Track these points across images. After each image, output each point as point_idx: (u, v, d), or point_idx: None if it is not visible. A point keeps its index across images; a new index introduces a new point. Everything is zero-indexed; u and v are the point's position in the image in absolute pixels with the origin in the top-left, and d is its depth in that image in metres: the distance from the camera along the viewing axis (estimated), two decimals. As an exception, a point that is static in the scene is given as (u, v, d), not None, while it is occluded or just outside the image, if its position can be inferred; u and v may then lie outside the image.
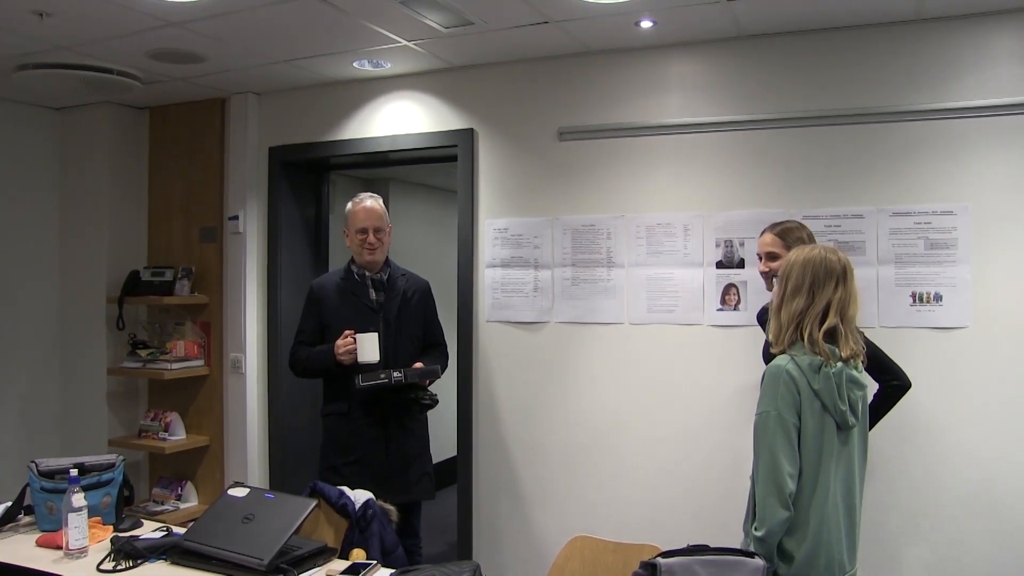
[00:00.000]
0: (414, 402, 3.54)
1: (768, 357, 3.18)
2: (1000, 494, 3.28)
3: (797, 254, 2.53)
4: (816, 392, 2.38)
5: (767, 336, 3.22)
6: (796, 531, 2.38)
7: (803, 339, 2.42)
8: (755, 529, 2.41)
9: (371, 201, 3.71)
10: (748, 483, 3.51)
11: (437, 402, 3.58)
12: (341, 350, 3.48)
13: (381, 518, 2.88)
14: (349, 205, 3.73)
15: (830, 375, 2.38)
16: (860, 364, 2.50)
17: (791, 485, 2.36)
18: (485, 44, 3.86)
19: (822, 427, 2.39)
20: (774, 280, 3.13)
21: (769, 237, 3.14)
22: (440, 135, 4.30)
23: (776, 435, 2.37)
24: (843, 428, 2.42)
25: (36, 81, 4.12)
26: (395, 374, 3.44)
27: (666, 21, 3.52)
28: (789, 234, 3.09)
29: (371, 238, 3.64)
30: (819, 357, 2.39)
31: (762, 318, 3.29)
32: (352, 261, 3.72)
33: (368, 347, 3.47)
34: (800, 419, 2.38)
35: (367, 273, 3.67)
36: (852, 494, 2.46)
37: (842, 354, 2.41)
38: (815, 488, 2.38)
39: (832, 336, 2.42)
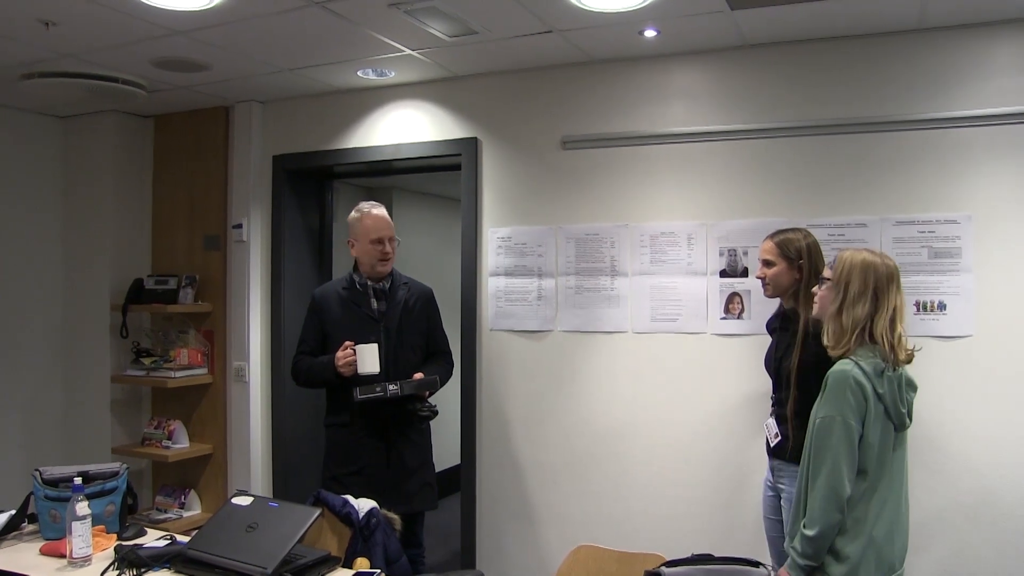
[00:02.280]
0: (413, 414, 3.53)
1: (771, 365, 3.19)
2: (1004, 503, 3.27)
3: (851, 258, 2.55)
4: (880, 396, 2.42)
5: (772, 345, 3.23)
6: (852, 531, 2.41)
7: (879, 343, 2.46)
8: (805, 527, 2.43)
9: (383, 210, 3.68)
10: (753, 491, 3.52)
11: (436, 413, 3.57)
12: (341, 362, 3.47)
13: (385, 527, 2.87)
14: (357, 215, 3.67)
15: (892, 379, 2.44)
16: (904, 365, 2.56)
17: (848, 489, 2.40)
18: (489, 53, 3.87)
19: (885, 431, 2.44)
20: (768, 287, 3.15)
21: (768, 244, 3.15)
22: (444, 144, 4.31)
23: (840, 440, 2.40)
24: (899, 429, 2.48)
25: (41, 89, 4.13)
26: (391, 387, 3.43)
27: (670, 30, 3.53)
28: (788, 244, 3.09)
29: (387, 248, 3.63)
30: (881, 361, 2.43)
31: (770, 326, 3.29)
32: (355, 270, 3.70)
33: (368, 358, 3.45)
34: (864, 424, 2.42)
35: (369, 282, 3.66)
36: (902, 497, 2.52)
37: (901, 357, 2.47)
38: (875, 490, 2.43)
39: (899, 340, 2.49)
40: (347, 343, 3.49)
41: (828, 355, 2.70)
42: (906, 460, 2.54)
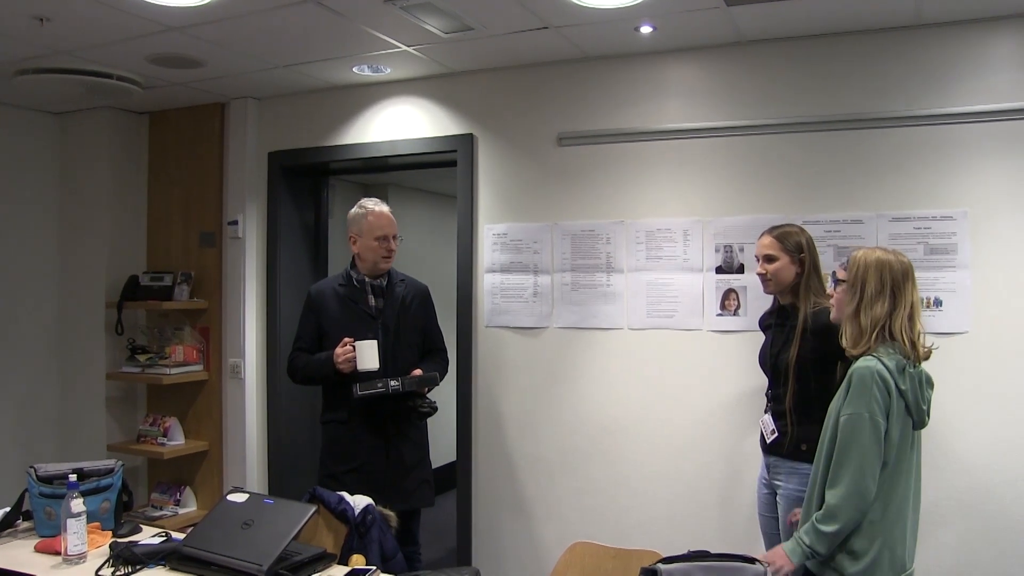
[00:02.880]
0: (413, 410, 3.53)
1: (766, 361, 3.19)
2: (1000, 500, 3.27)
3: (865, 257, 2.53)
4: (902, 393, 2.41)
5: (766, 342, 3.24)
6: (869, 530, 2.40)
7: (900, 340, 2.44)
8: (822, 522, 2.41)
9: (386, 207, 3.68)
10: (749, 488, 3.52)
11: (436, 410, 3.57)
12: (340, 358, 3.46)
13: (380, 524, 2.87)
14: (360, 211, 3.65)
15: (914, 376, 2.43)
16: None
17: (874, 487, 2.39)
18: (485, 49, 3.86)
19: (905, 428, 2.43)
20: (769, 282, 3.15)
21: (768, 239, 3.15)
22: (440, 140, 4.30)
23: (868, 438, 2.39)
24: (917, 427, 2.48)
25: (36, 86, 4.12)
26: (392, 383, 3.43)
27: (666, 27, 3.53)
28: (788, 238, 3.09)
29: (391, 245, 3.63)
30: (902, 358, 2.42)
31: (764, 323, 3.29)
32: (352, 266, 3.70)
33: (367, 355, 3.45)
34: (888, 421, 2.41)
35: (367, 279, 3.66)
36: (918, 494, 2.52)
37: (920, 354, 2.47)
38: (893, 488, 2.42)
39: (919, 336, 2.48)
40: (346, 339, 3.48)
41: (826, 350, 2.70)
42: (920, 460, 2.53)
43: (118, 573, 2.45)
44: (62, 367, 5.02)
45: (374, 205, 3.66)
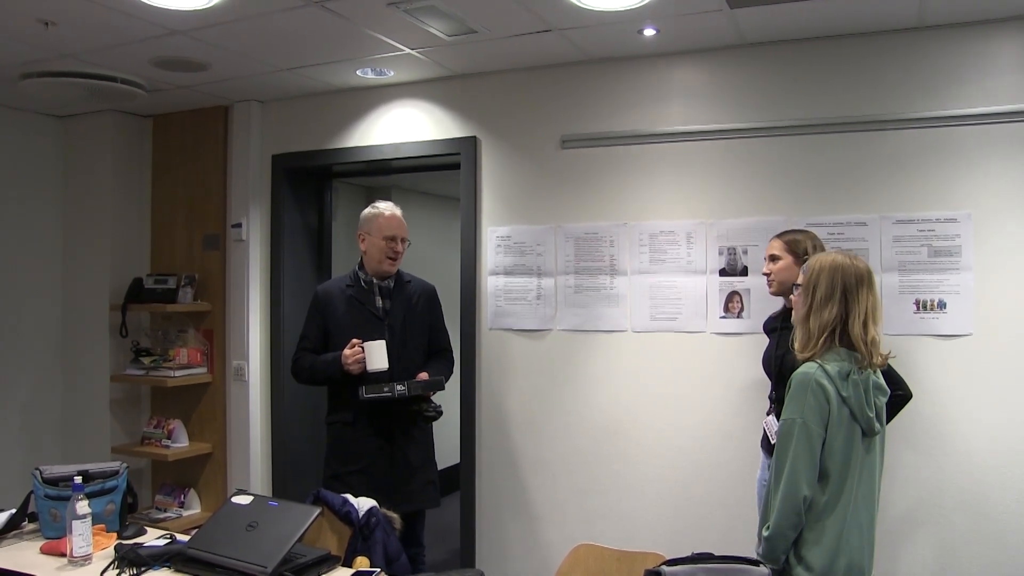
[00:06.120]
0: (418, 414, 3.53)
1: (768, 365, 3.19)
2: (1002, 501, 3.27)
3: (820, 261, 2.50)
4: (844, 399, 2.36)
5: (771, 345, 3.24)
6: (819, 538, 2.37)
7: (851, 345, 2.40)
8: (764, 528, 2.41)
9: (400, 211, 3.71)
10: (752, 489, 3.52)
11: (441, 414, 3.58)
12: (350, 360, 3.46)
13: (384, 526, 2.87)
14: (373, 211, 3.68)
15: (858, 382, 2.37)
16: (879, 369, 2.49)
17: (807, 492, 2.35)
18: (488, 52, 3.87)
19: (850, 435, 2.38)
20: (772, 283, 3.15)
21: (775, 241, 3.18)
22: (443, 143, 4.31)
23: (799, 443, 2.35)
24: (868, 435, 2.42)
25: (40, 89, 4.13)
26: (398, 387, 3.43)
27: (669, 29, 3.53)
28: (796, 244, 3.10)
29: (399, 247, 3.65)
30: (847, 364, 2.38)
31: (769, 326, 3.29)
32: (360, 267, 3.70)
33: (377, 355, 3.45)
34: (827, 428, 2.36)
35: (375, 280, 3.66)
36: (872, 501, 2.46)
37: (876, 361, 2.41)
38: (840, 495, 2.37)
39: (873, 342, 2.42)
40: (354, 341, 3.49)
41: None
42: (876, 466, 2.48)
43: (123, 575, 2.45)
44: (66, 369, 5.03)
45: (388, 206, 3.70)
